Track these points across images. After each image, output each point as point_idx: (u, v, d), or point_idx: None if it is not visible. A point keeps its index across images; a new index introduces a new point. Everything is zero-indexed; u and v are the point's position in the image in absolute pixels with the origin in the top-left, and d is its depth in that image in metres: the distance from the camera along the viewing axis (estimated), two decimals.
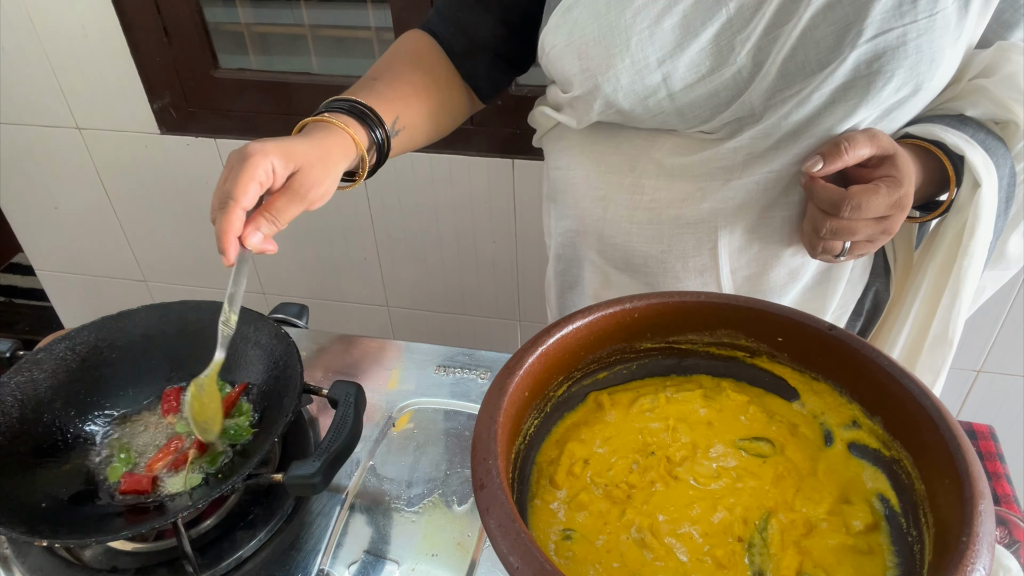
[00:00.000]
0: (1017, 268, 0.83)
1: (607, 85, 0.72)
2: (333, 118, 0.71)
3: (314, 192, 0.66)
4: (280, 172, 0.64)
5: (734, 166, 0.74)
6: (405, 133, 0.79)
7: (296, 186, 0.65)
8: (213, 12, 1.45)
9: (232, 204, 0.61)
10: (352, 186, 0.75)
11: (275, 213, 0.65)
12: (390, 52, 0.84)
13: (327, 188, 0.68)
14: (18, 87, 1.55)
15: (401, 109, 0.78)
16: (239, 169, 0.62)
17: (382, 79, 0.79)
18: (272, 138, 0.65)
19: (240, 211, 0.62)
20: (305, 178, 0.66)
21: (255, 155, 0.62)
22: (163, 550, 0.71)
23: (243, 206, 0.62)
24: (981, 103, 0.72)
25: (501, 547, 0.45)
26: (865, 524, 0.55)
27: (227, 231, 0.61)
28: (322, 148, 0.68)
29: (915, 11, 0.64)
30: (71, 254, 1.85)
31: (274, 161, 0.63)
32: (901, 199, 0.67)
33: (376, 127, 0.74)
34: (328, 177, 0.68)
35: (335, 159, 0.69)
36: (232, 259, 0.63)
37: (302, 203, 0.66)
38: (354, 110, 0.73)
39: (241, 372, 0.82)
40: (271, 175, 0.63)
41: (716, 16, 0.68)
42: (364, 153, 0.72)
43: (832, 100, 0.68)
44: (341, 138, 0.70)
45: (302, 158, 0.65)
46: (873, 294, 0.88)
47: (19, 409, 0.75)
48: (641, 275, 0.83)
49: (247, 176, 0.61)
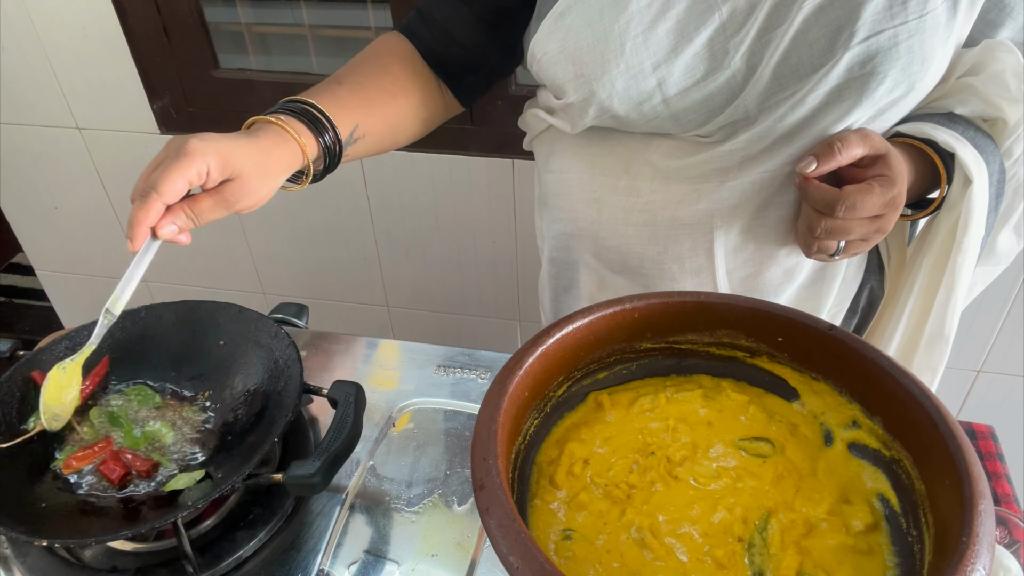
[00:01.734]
0: (1007, 263, 0.84)
1: (602, 91, 0.72)
2: (286, 123, 0.69)
3: (244, 203, 0.66)
4: (214, 176, 0.63)
5: (729, 168, 0.74)
6: (367, 140, 0.78)
7: (227, 193, 0.65)
8: (213, 12, 1.45)
9: (153, 196, 0.61)
10: (295, 189, 0.74)
11: (197, 213, 0.64)
12: (362, 54, 0.83)
13: (260, 198, 0.67)
14: (18, 87, 1.55)
15: (363, 116, 0.76)
16: (173, 163, 0.61)
17: (346, 82, 0.78)
18: (217, 136, 0.64)
19: (160, 205, 0.61)
20: (238, 188, 0.65)
21: (193, 154, 0.61)
22: (163, 550, 0.71)
23: (164, 200, 0.61)
24: (970, 101, 0.72)
25: (501, 547, 0.45)
26: (865, 524, 0.55)
27: (141, 221, 0.61)
28: (265, 157, 0.67)
29: (905, 12, 0.64)
30: (71, 254, 1.85)
31: (211, 163, 0.62)
32: (894, 198, 0.68)
33: (327, 134, 0.72)
34: (264, 188, 0.67)
35: (276, 169, 0.68)
36: (138, 247, 0.63)
37: (228, 210, 0.66)
38: (308, 114, 0.72)
39: (241, 372, 0.82)
40: (204, 176, 0.63)
41: (709, 21, 0.68)
42: (310, 162, 0.71)
43: (827, 102, 0.68)
44: (288, 147, 0.69)
45: (240, 167, 0.64)
46: (868, 292, 0.89)
47: (19, 409, 0.75)
48: (637, 277, 0.83)
49: (177, 172, 0.61)
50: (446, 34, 0.83)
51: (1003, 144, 0.74)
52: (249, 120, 0.71)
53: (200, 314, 0.84)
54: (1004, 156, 0.74)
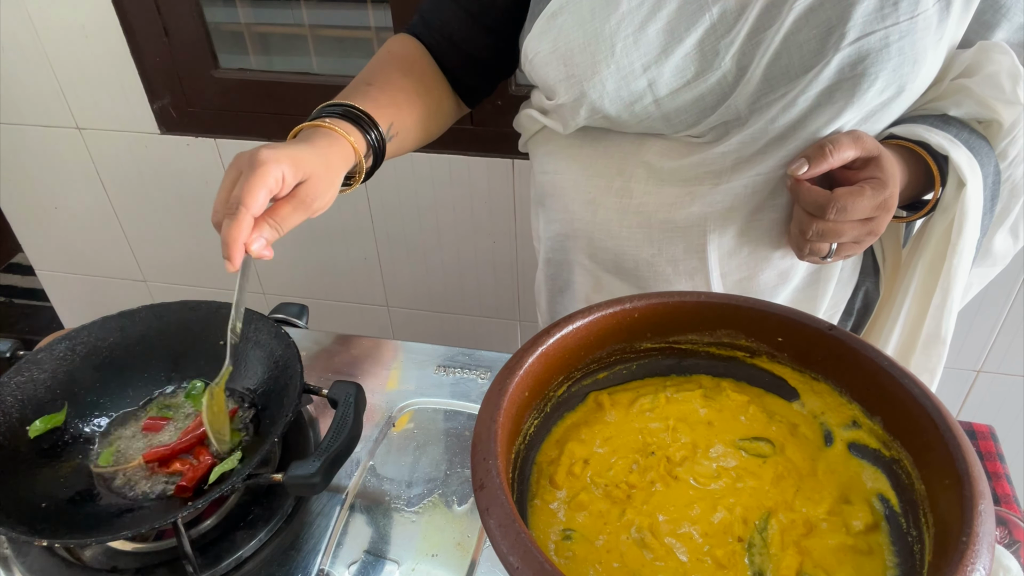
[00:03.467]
0: (1004, 264, 0.84)
1: (593, 91, 0.72)
2: (334, 125, 0.70)
3: (319, 202, 0.67)
4: (289, 181, 0.64)
5: (723, 170, 0.74)
6: (397, 139, 0.79)
7: (303, 196, 0.65)
8: (213, 12, 1.45)
9: (243, 210, 0.61)
10: (349, 190, 0.75)
11: (279, 220, 0.65)
12: (382, 56, 0.84)
13: (331, 197, 0.68)
14: (18, 87, 1.55)
15: (395, 115, 0.78)
16: (251, 175, 0.61)
17: (375, 84, 0.79)
18: (281, 144, 0.65)
19: (250, 218, 0.61)
20: (312, 188, 0.66)
21: (268, 163, 0.62)
22: (163, 550, 0.71)
23: (253, 213, 0.61)
24: (964, 103, 0.72)
25: (501, 547, 0.45)
26: (865, 524, 0.55)
27: (237, 238, 0.61)
28: (327, 157, 0.68)
29: (896, 13, 0.64)
30: (71, 254, 1.85)
31: (285, 169, 0.63)
32: (886, 200, 0.68)
33: (372, 132, 0.74)
34: (332, 187, 0.68)
35: (338, 168, 0.69)
36: (238, 265, 0.63)
37: (307, 212, 0.66)
38: (350, 115, 0.73)
39: (241, 372, 0.82)
40: (281, 183, 0.63)
41: (700, 21, 0.68)
42: (362, 159, 0.72)
43: (818, 103, 0.68)
44: (342, 145, 0.70)
45: (310, 168, 0.65)
46: (863, 293, 0.89)
47: (19, 409, 0.75)
48: (632, 278, 0.83)
49: (259, 183, 0.61)
50: (445, 37, 0.84)
51: (998, 146, 0.74)
52: (295, 129, 0.72)
53: (200, 314, 0.84)
54: (999, 158, 0.74)
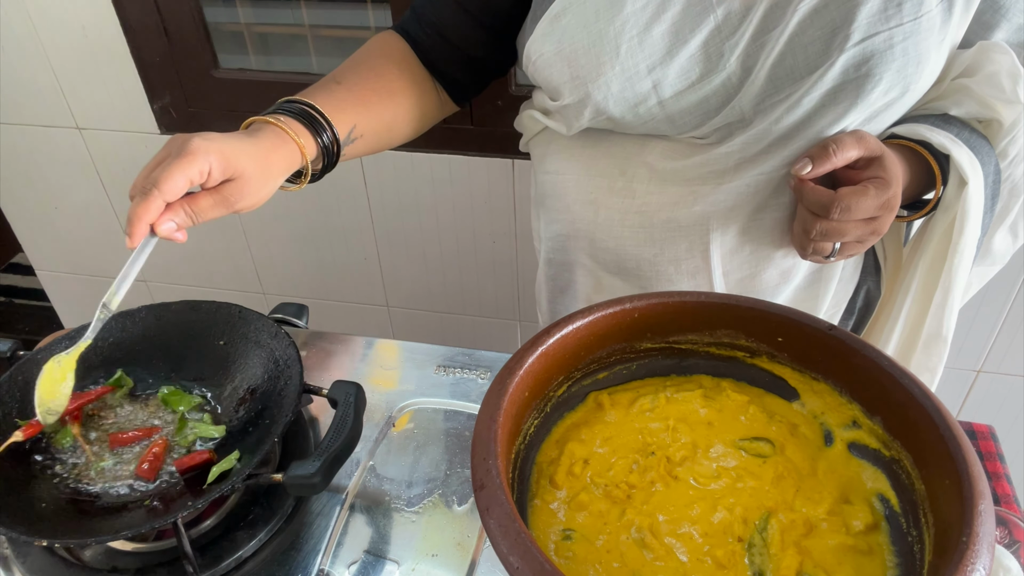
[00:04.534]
0: (1003, 263, 0.84)
1: (597, 93, 0.72)
2: (285, 124, 0.69)
3: (244, 202, 0.66)
4: (216, 175, 0.64)
5: (725, 170, 0.74)
6: (364, 139, 0.78)
7: (227, 193, 0.65)
8: (213, 12, 1.45)
9: (155, 192, 0.61)
10: (295, 188, 0.75)
11: (196, 211, 0.65)
12: (358, 54, 0.83)
13: (260, 198, 0.68)
14: (18, 87, 1.55)
15: (360, 116, 0.77)
16: (174, 160, 0.61)
17: (344, 83, 0.78)
18: (218, 136, 0.64)
19: (160, 202, 0.61)
20: (238, 188, 0.65)
21: (196, 153, 0.62)
22: (163, 550, 0.71)
23: (165, 198, 0.61)
24: (964, 102, 0.72)
25: (501, 547, 0.45)
26: (865, 524, 0.55)
27: (141, 217, 0.61)
28: (266, 158, 0.67)
29: (900, 14, 0.64)
30: (71, 254, 1.85)
31: (213, 162, 0.63)
32: (889, 200, 0.68)
33: (325, 134, 0.73)
34: (264, 188, 0.68)
35: (276, 170, 0.69)
36: (136, 243, 0.63)
37: (228, 210, 0.66)
38: (306, 114, 0.72)
39: (241, 372, 0.82)
40: (204, 175, 0.63)
41: (704, 23, 0.68)
42: (308, 163, 0.72)
43: (822, 104, 0.68)
44: (288, 147, 0.69)
45: (242, 167, 0.65)
46: (865, 292, 0.89)
47: (19, 409, 0.75)
48: (633, 278, 0.83)
49: (179, 171, 0.61)
50: (440, 34, 0.83)
51: (998, 145, 0.74)
52: (247, 120, 0.71)
53: (200, 314, 0.84)
54: (999, 157, 0.74)
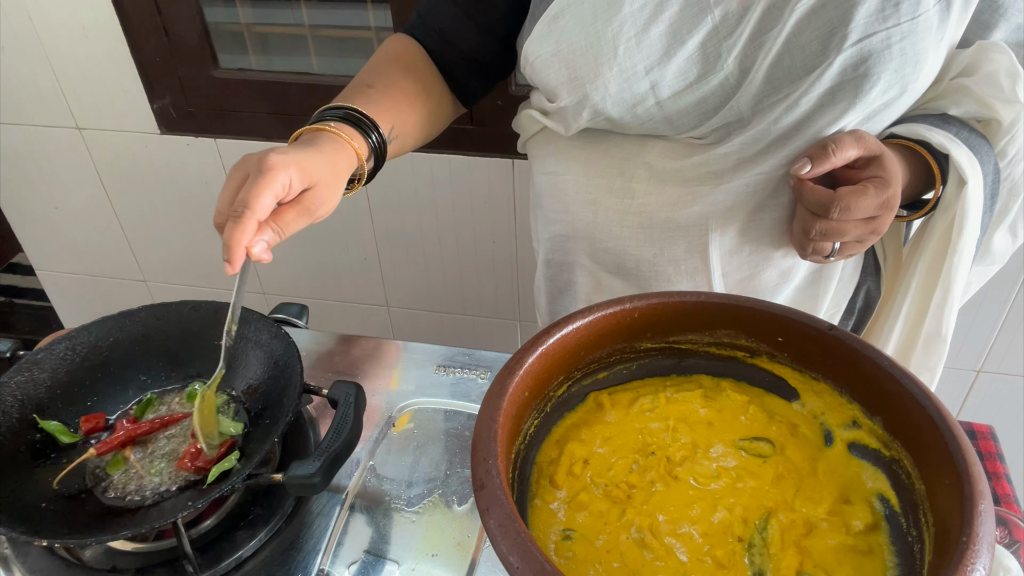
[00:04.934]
0: (1003, 263, 0.85)
1: (595, 94, 0.72)
2: (338, 129, 0.70)
3: (323, 208, 0.67)
4: (296, 187, 0.64)
5: (724, 170, 0.74)
6: (398, 141, 0.79)
7: (308, 202, 0.65)
8: (213, 12, 1.45)
9: (248, 214, 0.61)
10: (351, 193, 0.75)
11: (282, 226, 0.65)
12: (381, 57, 0.84)
13: (335, 203, 0.68)
14: (18, 87, 1.55)
15: (396, 118, 0.78)
16: (259, 179, 0.61)
17: (376, 86, 0.79)
18: (289, 149, 0.65)
19: (255, 222, 0.61)
20: (317, 195, 0.66)
21: (277, 168, 0.62)
22: (163, 550, 0.71)
23: (258, 217, 0.61)
24: (963, 102, 0.72)
25: (501, 547, 0.45)
26: (865, 524, 0.55)
27: (240, 241, 0.61)
28: (332, 163, 0.68)
29: (898, 14, 0.64)
30: (71, 254, 1.85)
31: (293, 175, 0.63)
32: (889, 199, 0.68)
33: (373, 135, 0.73)
34: (336, 194, 0.68)
35: (343, 174, 0.69)
36: (237, 268, 0.63)
37: (310, 218, 0.66)
38: (351, 118, 0.73)
39: (241, 372, 0.82)
40: (287, 188, 0.63)
41: (702, 24, 0.68)
42: (364, 163, 0.72)
43: (820, 104, 0.68)
44: (345, 150, 0.70)
45: (317, 175, 0.65)
46: (864, 292, 0.89)
47: (19, 409, 0.75)
48: (633, 279, 0.83)
49: (266, 188, 0.61)
50: (443, 38, 0.84)
51: (997, 145, 0.74)
52: (296, 132, 0.71)
53: (200, 314, 0.84)
54: (998, 156, 0.74)
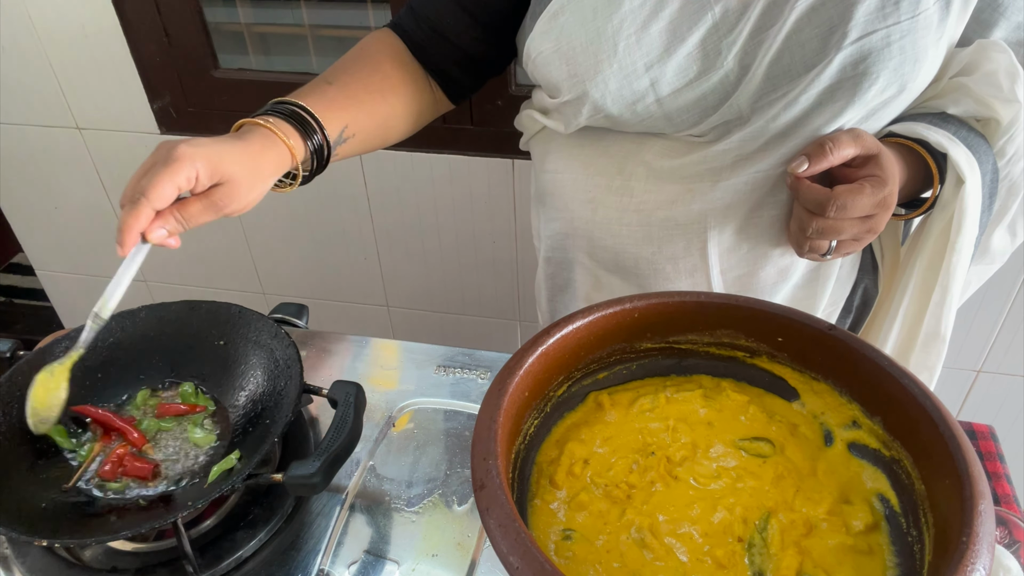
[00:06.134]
0: (1002, 262, 0.84)
1: (595, 91, 0.72)
2: (275, 126, 0.69)
3: (233, 206, 0.66)
4: (204, 181, 0.64)
5: (723, 168, 0.74)
6: (356, 139, 0.78)
7: (216, 198, 0.65)
8: (213, 12, 1.45)
9: (143, 202, 0.61)
10: (285, 191, 0.74)
11: (187, 217, 0.65)
12: (351, 52, 0.83)
13: (249, 201, 0.68)
14: (18, 87, 1.55)
15: (352, 115, 0.77)
16: (162, 169, 0.61)
17: (336, 82, 0.78)
18: (205, 141, 0.65)
19: (149, 210, 0.62)
20: (228, 192, 0.65)
21: (182, 160, 0.62)
22: (163, 550, 0.71)
23: (154, 206, 0.62)
24: (962, 101, 0.72)
25: (501, 547, 0.45)
26: (865, 524, 0.55)
27: (131, 227, 0.61)
28: (255, 161, 0.67)
29: (898, 13, 0.64)
30: (71, 254, 1.85)
31: (200, 168, 0.63)
32: (886, 198, 0.68)
33: (315, 136, 0.72)
34: (253, 192, 0.68)
35: (265, 173, 0.69)
36: (127, 252, 0.63)
37: (217, 214, 0.66)
38: (297, 116, 0.72)
39: (241, 372, 0.82)
40: (192, 181, 0.63)
41: (702, 21, 0.68)
42: (299, 165, 0.71)
43: (819, 102, 0.68)
44: (277, 149, 0.69)
45: (230, 172, 0.65)
46: (862, 291, 0.89)
47: (19, 409, 0.75)
48: (632, 277, 0.83)
49: (167, 179, 0.61)
50: (436, 31, 0.83)
51: (996, 144, 0.74)
52: (238, 122, 0.71)
53: (200, 314, 0.84)
54: (997, 156, 0.74)
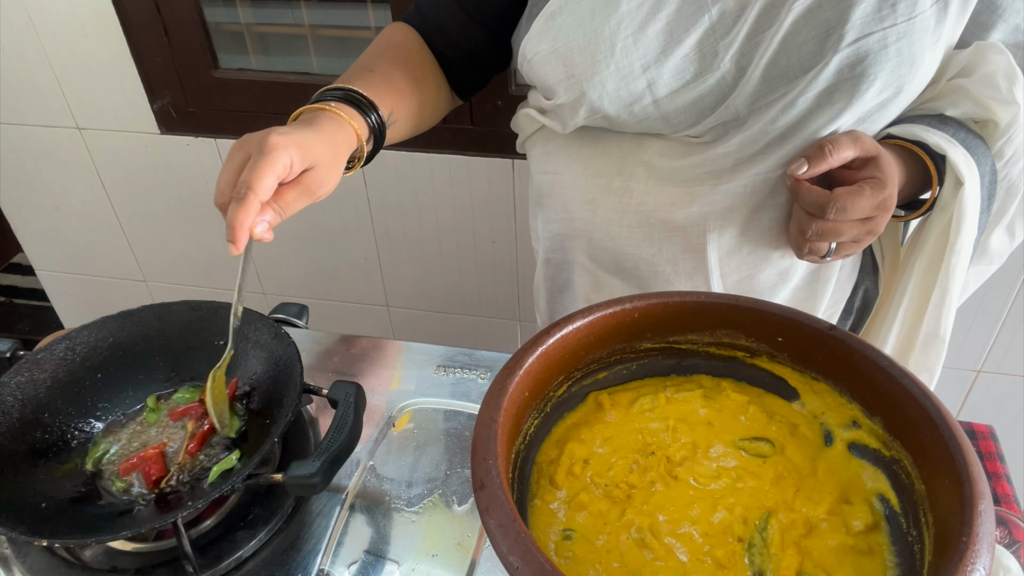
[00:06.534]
0: (1000, 263, 0.85)
1: (592, 92, 0.72)
2: (338, 109, 0.71)
3: (324, 188, 0.67)
4: (297, 167, 0.64)
5: (722, 170, 0.74)
6: (396, 126, 0.80)
7: (309, 182, 0.66)
8: (213, 12, 1.45)
9: (251, 195, 0.61)
10: (350, 173, 0.75)
11: (283, 206, 0.65)
12: (381, 43, 0.85)
13: (334, 183, 0.69)
14: (18, 87, 1.55)
15: (394, 103, 0.78)
16: (260, 160, 0.61)
17: (376, 71, 0.79)
18: (289, 129, 0.65)
19: (258, 203, 0.62)
20: (318, 176, 0.66)
21: (278, 148, 0.62)
22: (163, 550, 0.71)
23: (261, 198, 0.62)
24: (961, 103, 0.72)
25: (501, 547, 0.45)
26: (865, 524, 0.55)
27: (244, 222, 0.61)
28: (333, 143, 0.68)
29: (895, 15, 0.64)
30: (71, 254, 1.85)
31: (294, 156, 0.63)
32: (885, 200, 0.68)
33: (373, 115, 0.74)
34: (337, 173, 0.69)
35: (343, 154, 0.70)
36: (242, 248, 0.62)
37: (311, 198, 0.67)
38: (351, 99, 0.73)
39: (241, 372, 0.82)
40: (289, 169, 0.63)
41: (699, 22, 0.68)
42: (363, 143, 0.73)
43: (817, 104, 0.68)
44: (346, 130, 0.71)
45: (318, 155, 0.66)
46: (862, 292, 0.89)
47: (19, 409, 0.75)
48: (632, 278, 0.83)
49: (268, 168, 0.61)
50: (440, 30, 0.84)
51: (994, 145, 0.74)
52: (297, 111, 0.72)
53: (200, 314, 0.84)
54: (995, 157, 0.74)
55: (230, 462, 0.72)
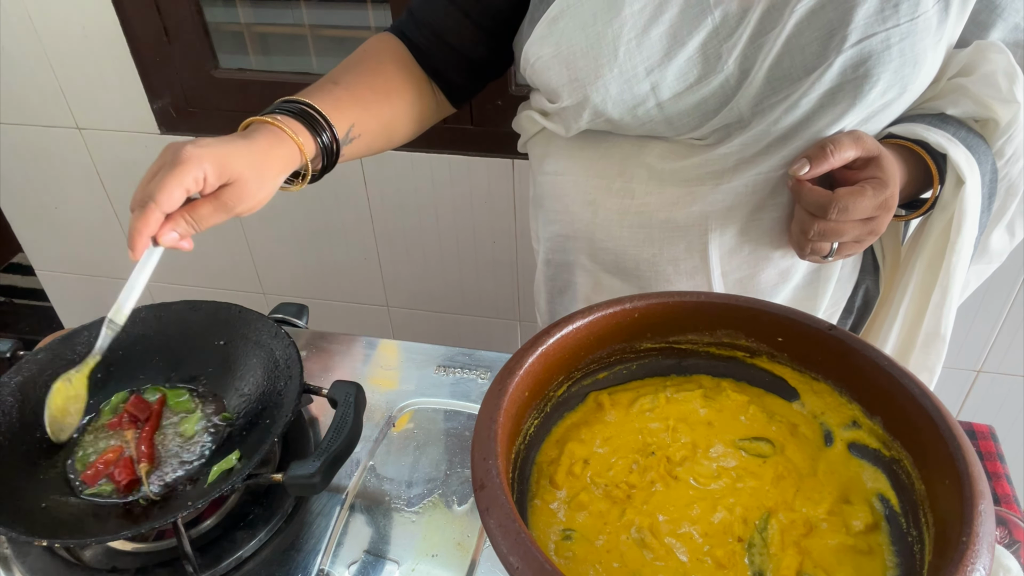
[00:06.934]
0: (1000, 262, 0.85)
1: (596, 95, 0.72)
2: (283, 123, 0.69)
3: (242, 206, 0.66)
4: (212, 182, 0.63)
5: (724, 171, 0.74)
6: (362, 139, 0.78)
7: (225, 198, 0.65)
8: (213, 12, 1.45)
9: (152, 206, 0.61)
10: (293, 190, 0.74)
11: (197, 219, 0.64)
12: (355, 54, 0.83)
13: (259, 200, 0.67)
14: (18, 87, 1.55)
15: (358, 116, 0.77)
16: (169, 172, 0.61)
17: (342, 82, 0.78)
18: (211, 142, 0.64)
19: (159, 214, 0.61)
20: (236, 192, 0.65)
21: (189, 161, 0.61)
22: (163, 550, 0.72)
23: (163, 210, 0.61)
24: (961, 102, 0.72)
25: (501, 547, 0.45)
26: (865, 524, 0.55)
27: (141, 231, 0.61)
28: (263, 159, 0.67)
29: (897, 15, 0.65)
30: (71, 254, 1.85)
31: (207, 170, 0.62)
32: (887, 200, 0.68)
33: (324, 134, 0.72)
34: (262, 190, 0.67)
35: (274, 171, 0.68)
36: (139, 256, 0.63)
37: (228, 215, 0.66)
38: (305, 114, 0.72)
39: (242, 372, 0.82)
40: (200, 183, 0.63)
41: (702, 25, 0.68)
42: (308, 162, 0.71)
43: (820, 105, 0.68)
44: (286, 146, 0.69)
45: (238, 171, 0.64)
46: (863, 291, 0.89)
47: (19, 409, 0.75)
48: (633, 279, 0.83)
49: (174, 181, 0.61)
50: (436, 35, 0.83)
51: (995, 144, 0.74)
52: (245, 121, 0.70)
53: (200, 314, 0.84)
54: (996, 156, 0.74)
55: (230, 462, 0.72)
